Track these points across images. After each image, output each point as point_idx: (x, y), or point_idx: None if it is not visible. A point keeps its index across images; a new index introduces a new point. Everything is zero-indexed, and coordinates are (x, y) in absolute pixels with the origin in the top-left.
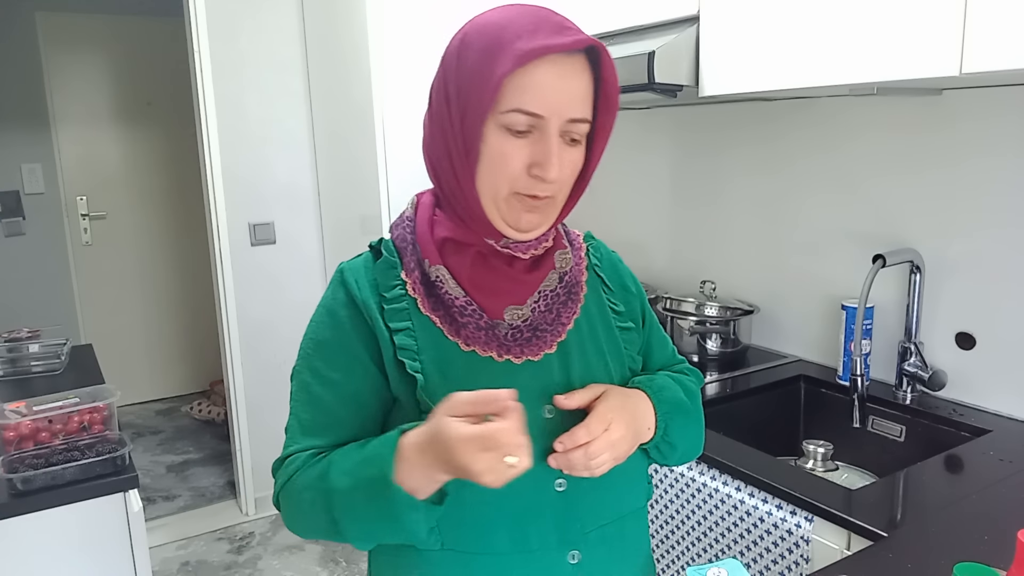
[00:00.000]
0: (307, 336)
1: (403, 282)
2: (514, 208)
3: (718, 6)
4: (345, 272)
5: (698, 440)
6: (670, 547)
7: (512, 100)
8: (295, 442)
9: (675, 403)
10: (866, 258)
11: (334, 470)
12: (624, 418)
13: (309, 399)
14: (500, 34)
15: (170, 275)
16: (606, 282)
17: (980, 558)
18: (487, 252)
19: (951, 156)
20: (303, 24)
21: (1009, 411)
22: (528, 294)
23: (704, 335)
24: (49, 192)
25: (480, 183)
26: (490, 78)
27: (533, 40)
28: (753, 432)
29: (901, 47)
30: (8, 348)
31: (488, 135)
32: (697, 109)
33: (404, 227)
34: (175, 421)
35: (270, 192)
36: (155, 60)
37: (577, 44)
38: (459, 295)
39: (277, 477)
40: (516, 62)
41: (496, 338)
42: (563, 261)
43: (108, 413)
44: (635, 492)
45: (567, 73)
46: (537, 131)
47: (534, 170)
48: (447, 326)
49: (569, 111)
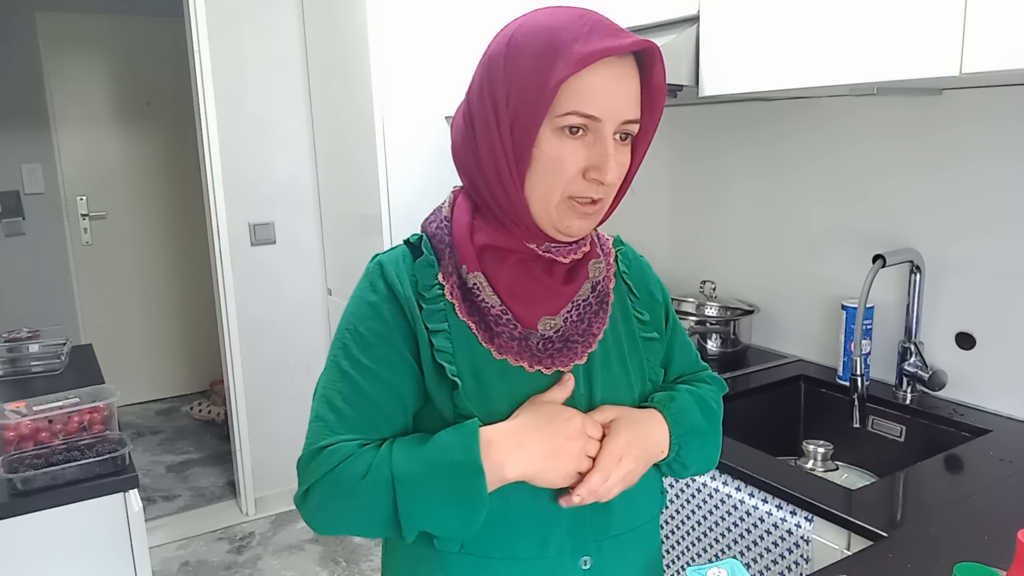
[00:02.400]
0: (344, 328)
1: (441, 284)
2: (566, 214)
3: (718, 6)
4: (385, 265)
5: (712, 456)
6: (670, 547)
7: (568, 103)
8: (332, 433)
9: (691, 427)
10: (866, 258)
11: (401, 456)
12: (634, 452)
13: (352, 391)
14: (554, 37)
15: (170, 275)
16: (633, 290)
17: (980, 558)
18: (528, 257)
19: (951, 156)
20: (303, 24)
21: (1009, 411)
22: (563, 305)
23: (704, 335)
24: (49, 192)
25: (531, 189)
26: (547, 83)
27: (590, 43)
28: (753, 432)
29: (901, 47)
30: (8, 348)
31: (542, 140)
32: (697, 109)
33: (441, 226)
34: (175, 421)
35: (270, 192)
36: (155, 60)
37: (635, 46)
38: (495, 303)
39: (311, 468)
40: (576, 66)
41: (529, 348)
42: (597, 271)
43: (108, 413)
44: (650, 503)
45: (621, 75)
46: (592, 133)
47: (591, 173)
48: (482, 332)
49: (623, 113)
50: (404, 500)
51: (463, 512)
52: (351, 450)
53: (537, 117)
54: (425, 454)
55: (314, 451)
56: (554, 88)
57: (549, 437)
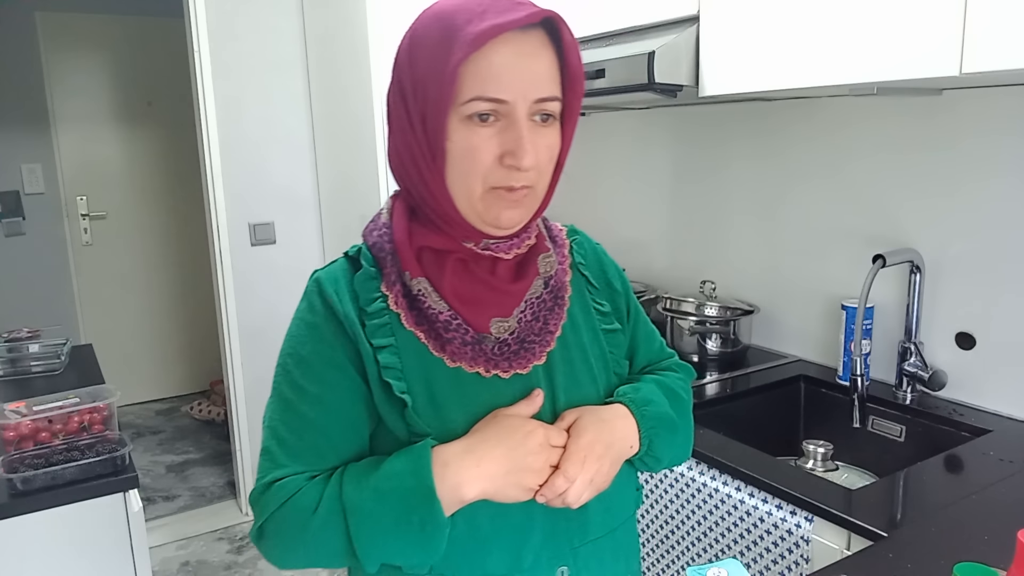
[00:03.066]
0: (284, 352)
1: (384, 295)
2: (492, 206)
3: (718, 6)
4: (322, 282)
5: (685, 447)
6: (670, 547)
7: (472, 88)
8: (279, 466)
9: (660, 418)
10: (866, 258)
11: (351, 487)
12: (597, 451)
13: (295, 420)
14: (449, 22)
15: (170, 275)
16: (591, 280)
17: (980, 558)
18: (467, 258)
19: (951, 156)
20: (303, 24)
21: (1009, 411)
22: (514, 305)
23: (704, 335)
24: (49, 192)
25: (452, 184)
26: (444, 70)
27: (483, 21)
28: (753, 432)
29: (901, 47)
30: (8, 348)
31: (452, 131)
32: (697, 109)
33: (381, 234)
34: (175, 421)
35: (270, 192)
36: (155, 60)
37: (531, 18)
38: (443, 309)
39: (261, 505)
40: (469, 47)
41: (483, 353)
42: (547, 265)
43: (108, 413)
44: (625, 503)
45: (526, 51)
46: (504, 118)
47: (507, 160)
48: (432, 341)
49: (535, 91)
50: (358, 533)
51: (421, 541)
52: (300, 483)
53: (442, 108)
54: (375, 482)
55: (263, 487)
56: (452, 75)
57: (508, 452)
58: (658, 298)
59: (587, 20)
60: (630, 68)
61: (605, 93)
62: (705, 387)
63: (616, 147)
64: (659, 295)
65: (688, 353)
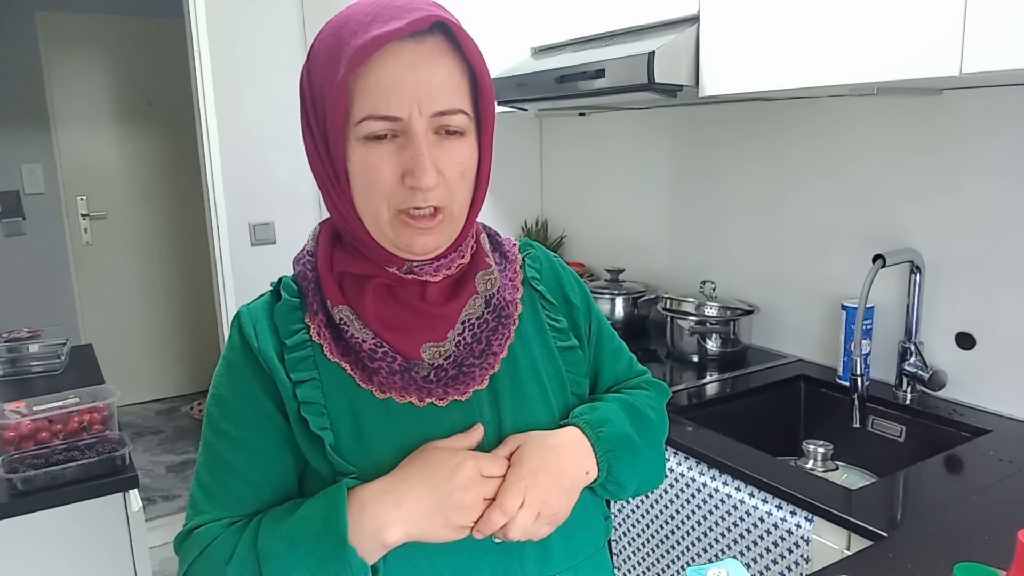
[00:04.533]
0: (210, 393)
1: (307, 326)
2: (402, 232)
3: (718, 6)
4: (242, 317)
5: (656, 471)
6: (670, 547)
7: (362, 107)
8: (200, 513)
9: (619, 439)
10: (866, 258)
11: (266, 535)
12: (542, 481)
13: (216, 464)
14: (338, 35)
15: (170, 275)
16: (545, 296)
17: (980, 558)
18: (392, 282)
19: (951, 156)
20: (303, 24)
21: (1009, 411)
22: (448, 327)
23: (704, 335)
24: (49, 192)
25: (360, 208)
26: (332, 87)
27: (368, 33)
28: (753, 432)
29: (901, 47)
30: (8, 348)
31: (351, 152)
32: (697, 109)
33: (306, 263)
34: (175, 421)
35: (270, 192)
36: (155, 60)
37: (416, 25)
38: (367, 337)
39: (182, 554)
40: (352, 63)
41: (414, 381)
42: (488, 283)
43: (108, 413)
44: (588, 536)
45: (417, 61)
46: (402, 135)
47: (407, 180)
48: (358, 372)
49: (431, 104)
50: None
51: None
52: (217, 531)
53: (336, 128)
54: (288, 529)
55: (184, 534)
56: (340, 94)
57: (432, 490)
58: (658, 298)
59: (587, 20)
60: (630, 68)
61: (605, 93)
62: (705, 387)
63: (616, 147)
64: (659, 295)
65: (688, 353)
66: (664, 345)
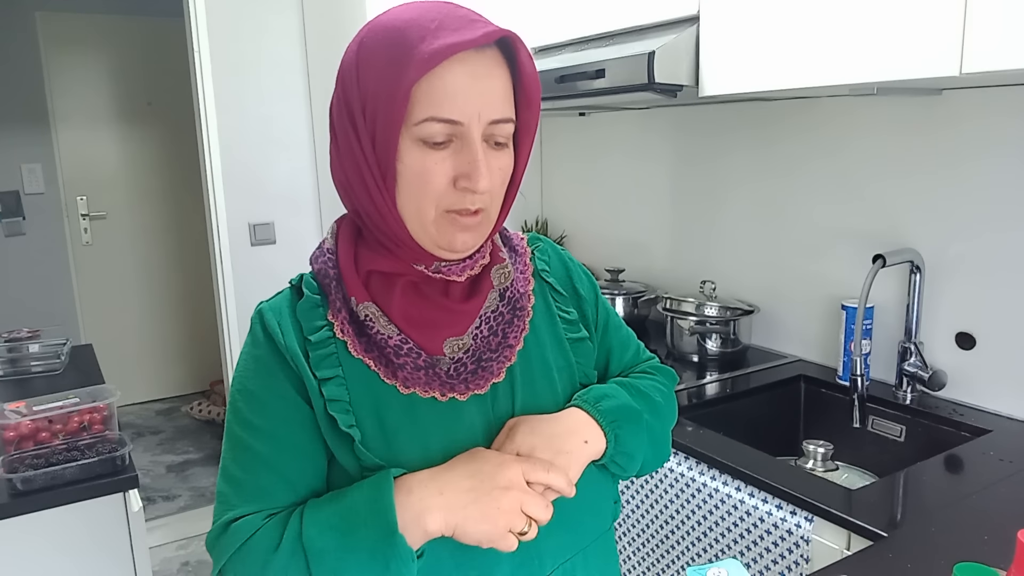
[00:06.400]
0: (235, 389)
1: (329, 323)
2: (446, 230)
3: (718, 6)
4: (265, 314)
5: (663, 445)
6: (670, 547)
7: (425, 109)
8: (232, 508)
9: (620, 409)
10: (866, 258)
11: (311, 526)
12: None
13: (247, 457)
14: (401, 38)
15: (170, 275)
16: (555, 287)
17: (980, 558)
18: (419, 280)
19: (951, 156)
20: (303, 24)
21: (1009, 411)
22: (469, 323)
23: (704, 335)
24: (49, 192)
25: (403, 206)
26: (397, 89)
27: (437, 39)
28: (753, 432)
29: (901, 47)
30: (8, 348)
31: (404, 152)
32: (697, 109)
33: (326, 260)
34: (175, 421)
35: (270, 192)
36: (155, 60)
37: (488, 38)
38: (392, 333)
39: (220, 548)
40: (423, 67)
41: (438, 376)
42: (502, 276)
43: (108, 413)
44: (599, 518)
45: (481, 72)
46: (458, 139)
47: (461, 182)
48: (383, 368)
49: (489, 112)
50: (320, 573)
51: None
52: (257, 523)
53: (393, 128)
54: (336, 520)
55: (220, 528)
56: (404, 95)
57: (474, 484)
58: (658, 298)
59: (587, 20)
60: (630, 68)
61: (605, 93)
62: (705, 387)
63: (616, 147)
64: (659, 295)
65: (688, 353)
66: (664, 345)
